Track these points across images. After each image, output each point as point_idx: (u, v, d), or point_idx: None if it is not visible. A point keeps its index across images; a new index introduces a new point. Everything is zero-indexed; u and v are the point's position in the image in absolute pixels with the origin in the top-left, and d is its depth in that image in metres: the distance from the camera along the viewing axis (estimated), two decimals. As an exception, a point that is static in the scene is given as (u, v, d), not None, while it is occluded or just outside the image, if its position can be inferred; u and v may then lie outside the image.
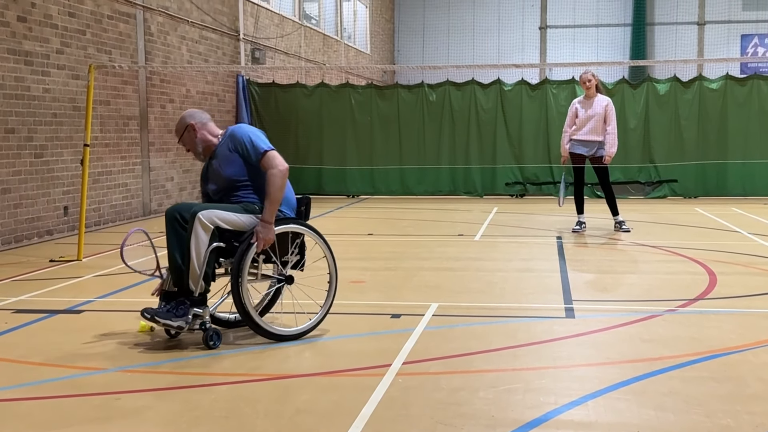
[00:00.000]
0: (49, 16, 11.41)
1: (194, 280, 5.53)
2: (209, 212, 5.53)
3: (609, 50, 31.03)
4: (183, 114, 6.12)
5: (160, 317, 5.46)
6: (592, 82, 11.34)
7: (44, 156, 11.36)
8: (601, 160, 11.37)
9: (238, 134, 5.86)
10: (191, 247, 5.49)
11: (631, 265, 9.18)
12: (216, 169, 5.87)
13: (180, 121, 6.05)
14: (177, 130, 6.05)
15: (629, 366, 5.08)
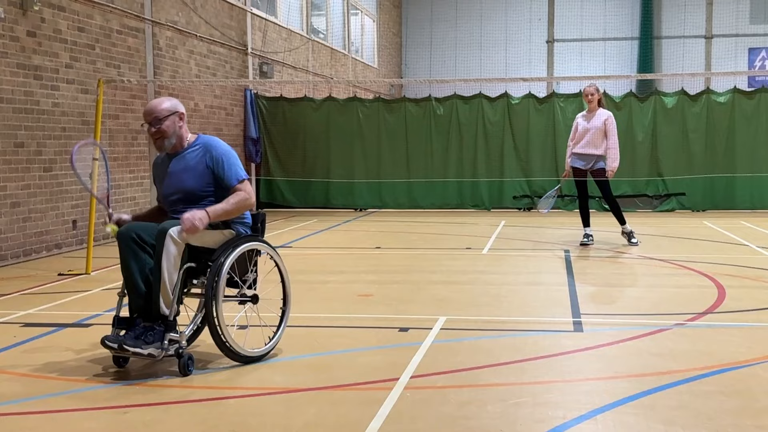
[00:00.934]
0: (58, 30, 11.48)
1: (167, 302, 5.18)
2: (179, 228, 5.21)
3: (616, 64, 31.03)
4: (167, 98, 5.66)
5: (129, 345, 5.05)
6: (595, 96, 11.33)
7: (53, 170, 11.40)
8: (601, 173, 11.32)
9: (216, 152, 5.54)
10: (163, 267, 5.16)
11: (639, 279, 9.16)
12: (178, 175, 5.54)
13: (165, 103, 5.58)
14: (161, 111, 5.52)
15: (638, 380, 5.06)
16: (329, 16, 25.73)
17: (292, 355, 5.79)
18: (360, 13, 28.87)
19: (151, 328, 5.18)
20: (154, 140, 5.58)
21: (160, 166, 5.75)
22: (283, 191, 18.29)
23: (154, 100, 5.66)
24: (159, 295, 5.19)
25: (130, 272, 5.26)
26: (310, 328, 6.67)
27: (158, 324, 5.19)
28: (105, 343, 5.13)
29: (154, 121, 5.53)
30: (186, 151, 5.62)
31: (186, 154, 5.60)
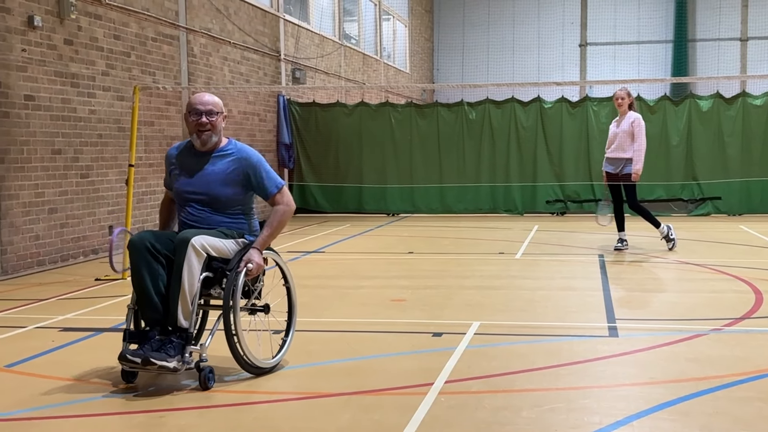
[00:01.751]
0: (95, 38, 11.62)
1: (186, 314, 5.03)
2: (200, 238, 5.07)
3: (650, 67, 30.79)
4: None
5: (155, 359, 4.84)
6: (625, 101, 11.22)
7: (89, 176, 11.55)
8: (627, 177, 11.17)
9: (253, 161, 5.43)
10: (184, 277, 4.99)
11: (674, 284, 9.09)
12: (207, 177, 5.36)
13: (218, 99, 5.55)
14: (217, 104, 5.47)
15: (674, 386, 5.02)
16: (361, 21, 25.80)
17: (326, 359, 5.81)
18: (392, 18, 28.92)
19: (169, 341, 4.99)
20: (200, 131, 5.36)
21: (181, 158, 5.52)
22: (315, 196, 18.36)
23: (207, 94, 5.52)
24: (177, 306, 5.02)
25: (143, 283, 5.04)
26: (344, 333, 6.69)
27: (175, 336, 5.01)
28: (126, 358, 4.91)
29: (210, 112, 5.39)
30: (218, 153, 5.45)
31: (218, 158, 5.43)
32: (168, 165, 5.59)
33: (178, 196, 5.46)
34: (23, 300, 8.31)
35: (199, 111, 5.36)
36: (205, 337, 5.23)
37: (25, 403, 4.87)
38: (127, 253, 5.16)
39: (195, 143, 5.45)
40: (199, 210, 5.37)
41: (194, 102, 5.43)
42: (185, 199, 5.42)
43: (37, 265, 10.49)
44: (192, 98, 5.49)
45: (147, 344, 4.97)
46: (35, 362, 5.85)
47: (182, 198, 5.44)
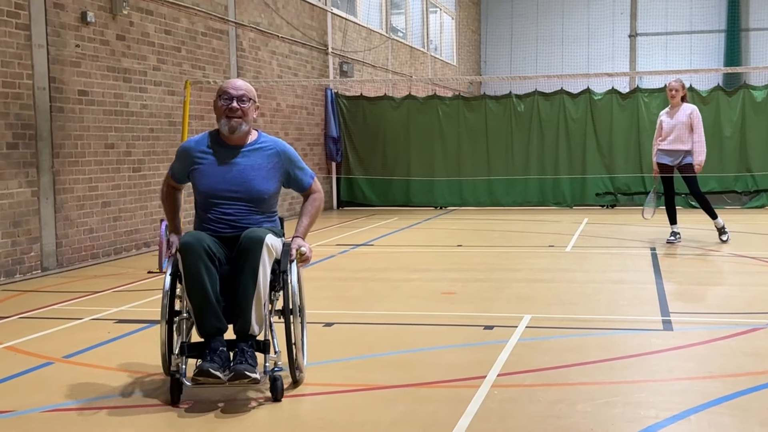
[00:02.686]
0: (146, 34, 11.76)
1: (260, 320, 4.68)
2: (270, 237, 4.75)
3: (702, 57, 30.30)
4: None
5: (248, 371, 4.51)
6: (679, 92, 11.05)
7: (141, 170, 11.70)
8: (688, 168, 11.03)
9: (291, 155, 5.11)
10: (259, 280, 4.64)
11: (729, 277, 8.93)
12: (245, 172, 4.96)
13: (251, 86, 5.13)
14: (250, 91, 5.06)
15: (732, 380, 4.94)
16: (408, 14, 25.76)
17: (378, 352, 5.82)
18: (439, 10, 28.83)
19: (241, 351, 4.62)
20: (230, 118, 4.93)
21: (206, 152, 5.03)
22: (363, 190, 18.39)
23: (240, 79, 5.18)
24: (251, 312, 4.64)
25: (205, 289, 4.60)
26: (395, 326, 6.70)
27: (247, 345, 4.66)
28: (209, 373, 4.47)
29: (242, 98, 4.98)
30: (252, 147, 5.05)
31: (253, 152, 5.03)
32: (186, 159, 5.06)
33: (207, 194, 4.93)
34: (79, 292, 8.45)
35: (231, 95, 4.96)
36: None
37: (84, 394, 4.95)
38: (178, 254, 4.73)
39: (222, 130, 4.99)
40: (236, 209, 4.93)
41: (226, 86, 5.05)
42: (218, 197, 4.93)
43: (91, 258, 10.66)
44: (224, 83, 5.11)
45: (214, 356, 4.55)
46: (92, 353, 5.94)
47: (214, 196, 4.93)
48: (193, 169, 5.01)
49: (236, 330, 4.69)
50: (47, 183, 9.92)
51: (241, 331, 4.67)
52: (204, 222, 4.95)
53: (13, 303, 7.97)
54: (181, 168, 5.10)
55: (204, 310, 4.62)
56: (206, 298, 4.60)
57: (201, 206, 4.99)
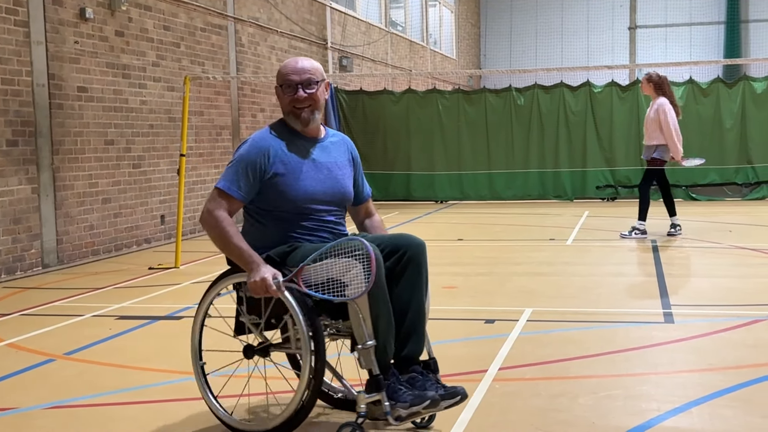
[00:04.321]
0: (145, 30, 11.75)
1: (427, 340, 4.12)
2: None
3: (702, 49, 30.27)
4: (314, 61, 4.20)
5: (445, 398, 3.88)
6: (642, 87, 11.03)
7: (142, 166, 11.69)
8: (652, 162, 10.97)
9: (357, 153, 4.47)
10: (428, 297, 4.14)
11: (730, 269, 8.92)
12: (333, 171, 4.18)
13: (317, 64, 4.19)
14: (317, 71, 4.12)
15: (734, 372, 4.94)
16: (407, 8, 25.73)
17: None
18: (438, 4, 28.79)
19: (414, 377, 3.92)
20: (298, 109, 4.08)
21: (284, 151, 4.06)
22: (364, 184, 18.35)
23: (302, 58, 4.18)
24: (425, 331, 4.07)
25: (389, 306, 3.89)
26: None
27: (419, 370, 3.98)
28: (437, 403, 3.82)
29: (308, 83, 4.07)
30: (327, 139, 4.26)
31: (329, 144, 4.25)
32: (261, 165, 3.99)
33: (304, 200, 4.04)
34: (80, 289, 8.45)
35: (294, 82, 4.05)
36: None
37: (85, 390, 4.95)
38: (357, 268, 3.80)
39: (296, 126, 4.13)
40: (333, 214, 4.19)
41: (287, 71, 4.10)
42: (316, 201, 4.10)
43: (91, 254, 10.66)
44: (282, 67, 4.15)
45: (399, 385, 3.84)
46: (94, 350, 5.95)
47: (311, 200, 4.08)
48: (276, 174, 4.00)
49: (405, 353, 3.97)
50: (47, 180, 9.92)
51: (416, 353, 4.00)
52: (294, 233, 4.07)
53: (14, 300, 7.97)
54: (254, 179, 3.98)
55: (391, 332, 3.90)
56: (389, 315, 3.89)
57: (289, 215, 4.06)
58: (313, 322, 3.83)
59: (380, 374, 3.81)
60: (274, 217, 4.07)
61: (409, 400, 3.77)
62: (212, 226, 3.96)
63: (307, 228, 4.09)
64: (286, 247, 4.02)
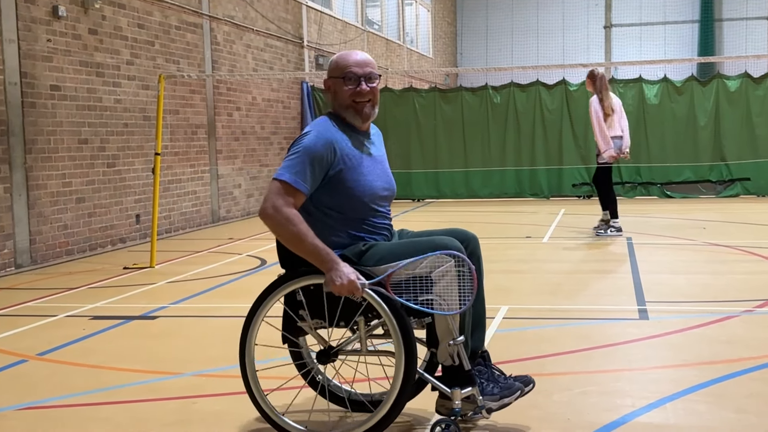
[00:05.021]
0: (119, 28, 11.66)
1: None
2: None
3: (677, 47, 30.48)
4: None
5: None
6: (587, 81, 11.14)
7: (116, 165, 11.61)
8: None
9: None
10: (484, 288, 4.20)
11: (704, 266, 8.99)
12: (384, 165, 4.11)
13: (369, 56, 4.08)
14: (374, 65, 4.02)
15: (707, 368, 4.97)
16: (384, 6, 25.72)
17: (356, 345, 5.80)
18: (414, 3, 28.80)
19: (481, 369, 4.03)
20: (360, 103, 3.93)
21: (346, 144, 3.90)
22: (340, 183, 18.32)
23: (358, 51, 4.12)
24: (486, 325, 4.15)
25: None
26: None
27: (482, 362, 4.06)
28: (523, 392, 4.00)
29: (370, 77, 3.95)
30: (371, 133, 4.13)
31: (374, 137, 4.13)
32: (327, 157, 3.81)
33: (371, 196, 3.94)
34: (53, 289, 8.38)
35: (357, 75, 3.92)
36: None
37: (58, 391, 4.91)
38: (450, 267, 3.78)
39: (353, 121, 3.97)
40: (389, 210, 4.12)
41: (347, 63, 3.96)
42: (379, 197, 4.00)
43: (65, 254, 10.57)
44: (340, 58, 4.00)
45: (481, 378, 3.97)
46: (67, 350, 5.90)
47: (376, 196, 3.97)
48: (342, 169, 3.83)
49: (473, 347, 4.02)
50: (20, 179, 9.82)
51: (480, 345, 4.07)
52: (359, 230, 3.94)
53: (-14, 301, 7.89)
54: (320, 173, 3.79)
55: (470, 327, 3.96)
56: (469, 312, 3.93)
57: (355, 212, 3.91)
58: (403, 322, 3.72)
59: (472, 369, 3.84)
60: (338, 214, 3.89)
61: (497, 393, 3.87)
62: (281, 224, 3.68)
63: (371, 224, 3.98)
64: (360, 246, 3.86)
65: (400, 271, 3.74)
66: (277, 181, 3.73)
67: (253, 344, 3.99)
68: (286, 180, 3.71)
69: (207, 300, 7.63)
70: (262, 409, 3.98)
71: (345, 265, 3.68)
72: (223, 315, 7.06)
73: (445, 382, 3.85)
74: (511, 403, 3.94)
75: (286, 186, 3.71)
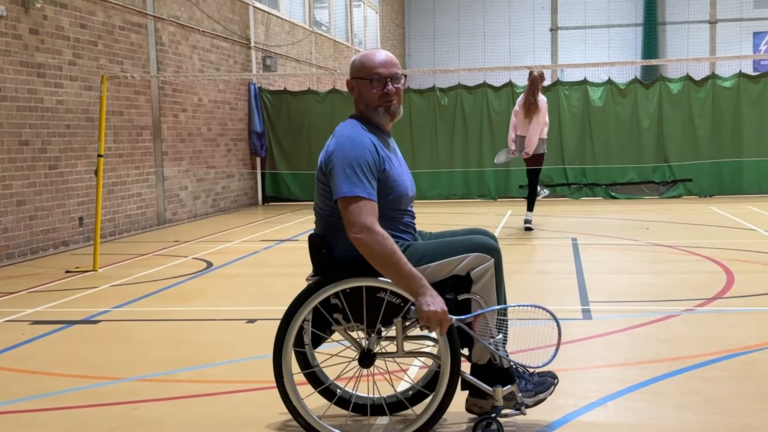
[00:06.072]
0: (60, 28, 11.47)
1: None
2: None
3: (621, 50, 30.93)
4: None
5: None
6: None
7: (58, 167, 11.41)
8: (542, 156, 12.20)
9: None
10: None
11: (647, 266, 9.13)
12: (406, 166, 4.12)
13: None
14: (398, 65, 3.98)
15: (648, 366, 5.04)
16: (332, 8, 25.68)
17: (301, 347, 5.77)
18: (362, 4, 28.81)
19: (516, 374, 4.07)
20: (388, 103, 3.92)
21: (380, 146, 3.88)
22: (288, 185, 18.28)
23: (381, 50, 4.00)
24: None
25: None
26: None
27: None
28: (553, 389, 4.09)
29: (395, 77, 3.93)
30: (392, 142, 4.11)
31: (394, 146, 4.10)
32: (375, 161, 3.80)
33: (405, 197, 3.96)
34: (-7, 293, 8.20)
35: (383, 76, 3.90)
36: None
37: (-4, 398, 4.80)
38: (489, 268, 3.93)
39: (381, 121, 3.97)
40: (413, 212, 4.12)
41: (374, 64, 3.92)
42: (409, 198, 4.02)
43: (6, 258, 10.36)
44: (365, 59, 3.95)
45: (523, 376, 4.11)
46: (6, 356, 5.77)
47: (407, 198, 3.99)
48: (384, 171, 3.84)
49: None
50: (-42, 182, 9.60)
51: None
52: (396, 231, 3.91)
53: None
54: (375, 176, 3.78)
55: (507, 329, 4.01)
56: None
57: (392, 213, 3.91)
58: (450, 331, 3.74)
59: (512, 367, 3.93)
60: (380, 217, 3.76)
61: (531, 389, 3.97)
62: (379, 242, 3.60)
63: (403, 224, 3.98)
64: (401, 246, 3.81)
65: (439, 269, 3.80)
66: (351, 199, 3.66)
67: (290, 350, 3.92)
68: (361, 195, 3.65)
69: (151, 303, 7.54)
70: (300, 415, 3.90)
71: (436, 293, 3.64)
72: (166, 318, 6.97)
73: (481, 380, 3.92)
74: (545, 398, 4.02)
75: (366, 201, 3.66)
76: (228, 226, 13.45)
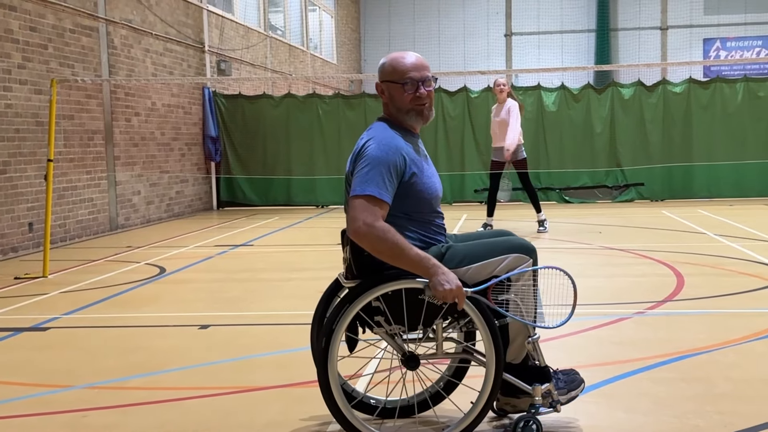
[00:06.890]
0: (9, 30, 11.28)
1: None
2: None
3: (574, 56, 31.26)
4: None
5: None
6: (506, 87, 12.03)
7: (7, 172, 11.22)
8: (518, 164, 12.06)
9: None
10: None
11: (599, 269, 9.22)
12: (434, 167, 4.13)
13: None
14: (429, 68, 3.97)
15: (599, 369, 5.09)
16: (287, 12, 25.61)
17: (254, 353, 5.74)
18: (318, 9, 28.77)
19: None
20: (420, 106, 3.93)
21: (409, 148, 3.91)
22: (243, 189, 18.18)
23: (411, 53, 4.02)
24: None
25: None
26: (273, 326, 6.63)
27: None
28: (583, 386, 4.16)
29: (426, 80, 3.94)
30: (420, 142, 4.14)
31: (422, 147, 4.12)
32: (401, 164, 3.82)
33: (436, 199, 4.00)
34: (-61, 301, 8.03)
35: (415, 80, 3.91)
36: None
37: (-60, 408, 4.70)
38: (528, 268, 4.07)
39: (415, 124, 4.00)
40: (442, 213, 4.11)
41: (406, 68, 3.93)
42: (438, 201, 4.04)
43: (-47, 264, 10.16)
44: (396, 63, 3.96)
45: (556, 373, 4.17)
46: (-49, 365, 5.66)
47: (436, 200, 4.01)
48: (413, 174, 3.85)
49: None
50: None
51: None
52: (427, 231, 3.97)
53: None
54: (396, 179, 3.80)
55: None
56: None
57: (425, 215, 3.96)
58: (494, 326, 3.80)
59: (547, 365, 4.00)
60: (406, 218, 3.88)
61: (564, 387, 4.04)
62: (379, 238, 3.64)
63: (435, 225, 4.01)
64: (440, 248, 3.89)
65: (481, 270, 3.86)
66: (360, 197, 3.71)
67: (336, 356, 3.84)
68: (370, 193, 3.69)
69: (102, 310, 7.44)
70: (349, 423, 3.84)
71: (448, 270, 3.68)
72: (118, 325, 6.89)
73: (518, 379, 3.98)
74: (577, 396, 4.08)
75: (372, 199, 3.69)
76: (182, 231, 13.33)
